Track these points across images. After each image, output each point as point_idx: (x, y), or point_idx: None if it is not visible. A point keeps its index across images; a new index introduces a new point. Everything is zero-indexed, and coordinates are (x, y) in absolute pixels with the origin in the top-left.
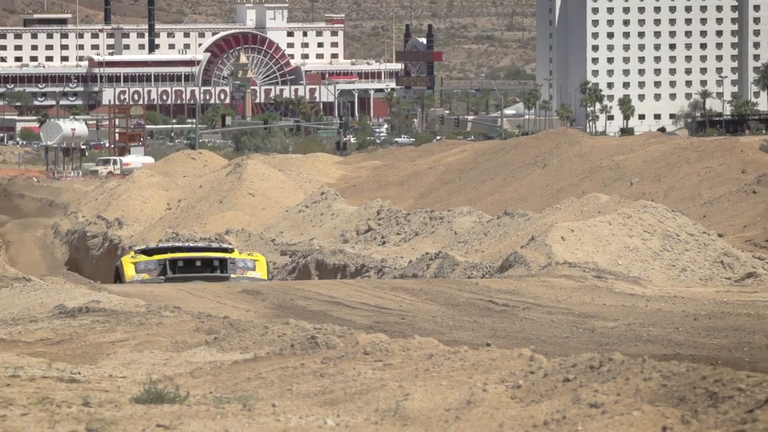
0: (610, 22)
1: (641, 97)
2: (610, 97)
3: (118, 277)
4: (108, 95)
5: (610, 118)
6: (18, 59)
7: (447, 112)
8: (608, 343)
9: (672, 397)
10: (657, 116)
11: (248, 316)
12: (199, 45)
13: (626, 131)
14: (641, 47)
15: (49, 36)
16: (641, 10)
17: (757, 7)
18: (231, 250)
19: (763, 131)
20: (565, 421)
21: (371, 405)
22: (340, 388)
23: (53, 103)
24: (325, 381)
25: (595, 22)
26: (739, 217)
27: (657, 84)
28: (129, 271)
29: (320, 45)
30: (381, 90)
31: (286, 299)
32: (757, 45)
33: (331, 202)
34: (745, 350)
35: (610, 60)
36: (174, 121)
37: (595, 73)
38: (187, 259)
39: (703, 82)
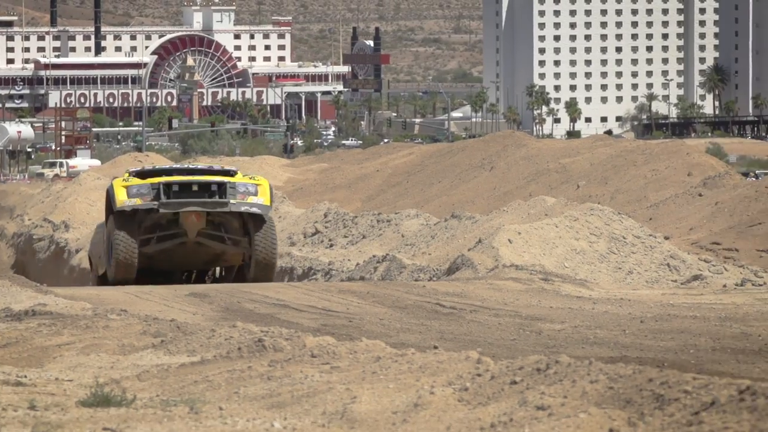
0: (557, 25)
1: (588, 100)
2: (557, 100)
3: (110, 203)
4: (54, 98)
5: (557, 120)
6: None
7: (394, 114)
8: (555, 345)
9: (618, 399)
10: (603, 119)
11: (195, 319)
12: (146, 47)
13: (573, 134)
14: (588, 50)
15: None
16: (588, 12)
17: (702, 11)
18: (233, 173)
19: (709, 134)
20: (512, 423)
21: (318, 408)
22: (287, 390)
23: None
24: (272, 384)
25: (542, 25)
26: (685, 220)
27: (603, 87)
28: (120, 195)
29: (267, 48)
30: (328, 92)
31: (233, 302)
32: (702, 48)
33: (278, 205)
34: (691, 352)
35: (557, 63)
36: (120, 123)
37: (542, 75)
38: (183, 183)
39: (650, 85)
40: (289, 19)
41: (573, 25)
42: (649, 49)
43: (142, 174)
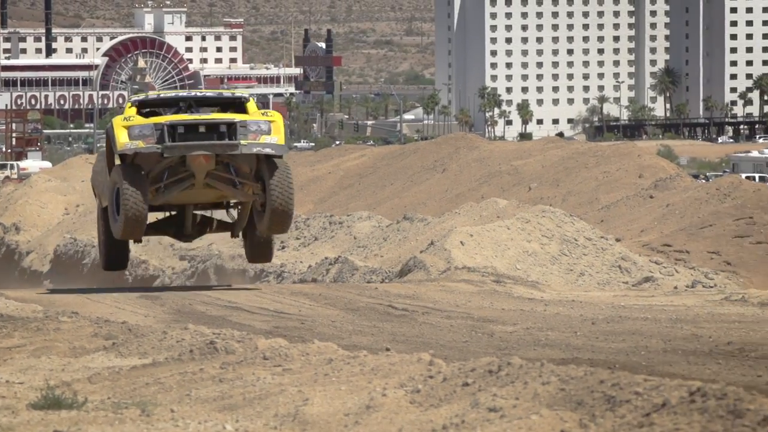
0: (509, 27)
1: (539, 102)
2: (509, 102)
3: (110, 144)
4: (4, 100)
5: (509, 123)
6: None
7: (346, 116)
8: (507, 347)
9: (570, 401)
10: (555, 121)
11: (147, 321)
12: (97, 49)
13: (525, 136)
14: (539, 52)
15: None
16: (539, 15)
17: (653, 13)
18: (245, 101)
19: (660, 136)
20: (464, 425)
21: (270, 410)
22: (239, 393)
23: None
24: (224, 386)
25: (494, 27)
26: (636, 222)
27: (555, 89)
28: (121, 136)
29: (219, 49)
30: (280, 94)
31: (185, 304)
32: (653, 50)
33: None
34: (642, 354)
35: (509, 65)
36: (72, 125)
37: (494, 78)
38: (189, 124)
39: (601, 87)
40: (240, 20)
41: (524, 27)
42: (601, 51)
43: (144, 104)
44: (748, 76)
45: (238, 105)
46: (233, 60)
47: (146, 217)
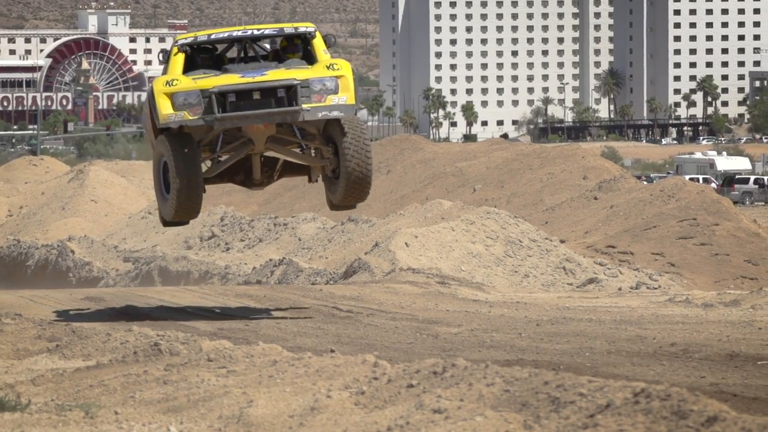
0: (453, 29)
1: (484, 104)
2: (453, 104)
3: (152, 114)
4: None
5: (453, 124)
6: None
7: None
8: (452, 348)
9: (515, 402)
10: (500, 122)
11: (91, 323)
12: (41, 51)
13: (469, 138)
14: (484, 54)
15: None
16: (484, 17)
17: (597, 15)
18: (310, 36)
19: (604, 138)
20: (409, 426)
21: (215, 412)
22: (184, 395)
23: None
24: (168, 388)
25: (438, 29)
26: (580, 223)
27: (500, 91)
28: (164, 106)
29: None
30: None
31: (129, 306)
32: (597, 52)
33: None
34: (587, 355)
35: (453, 66)
36: (15, 127)
37: (438, 79)
38: (241, 90)
39: (545, 89)
40: (184, 22)
41: (469, 29)
42: (545, 53)
43: (194, 47)
44: (692, 77)
45: (302, 41)
46: None
47: (202, 195)
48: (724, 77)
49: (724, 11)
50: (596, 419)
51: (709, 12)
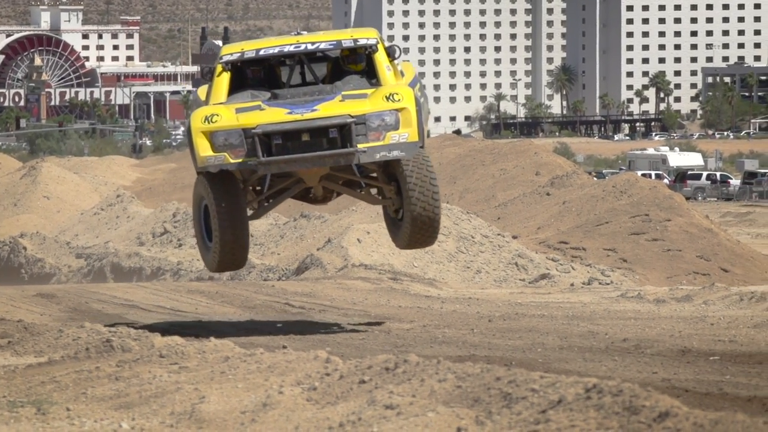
0: (406, 25)
1: (437, 100)
2: None
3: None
4: None
5: None
6: None
7: None
8: (404, 344)
9: (467, 398)
10: (452, 118)
11: (43, 319)
12: None
13: None
14: (437, 50)
15: None
16: (436, 13)
17: (550, 11)
18: (372, 50)
19: (557, 133)
20: (361, 422)
21: (167, 408)
22: (136, 391)
23: None
24: (120, 384)
25: (390, 25)
26: (533, 219)
27: (452, 87)
28: (202, 147)
29: (116, 47)
30: (177, 92)
31: (81, 302)
32: (550, 48)
33: (126, 205)
34: (539, 351)
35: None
36: None
37: None
38: (288, 131)
39: (498, 85)
40: (137, 18)
41: (422, 25)
42: (498, 49)
43: (239, 66)
44: (644, 74)
45: (362, 57)
46: (130, 58)
47: (248, 244)
48: (677, 73)
49: (677, 7)
50: (548, 415)
51: (662, 8)
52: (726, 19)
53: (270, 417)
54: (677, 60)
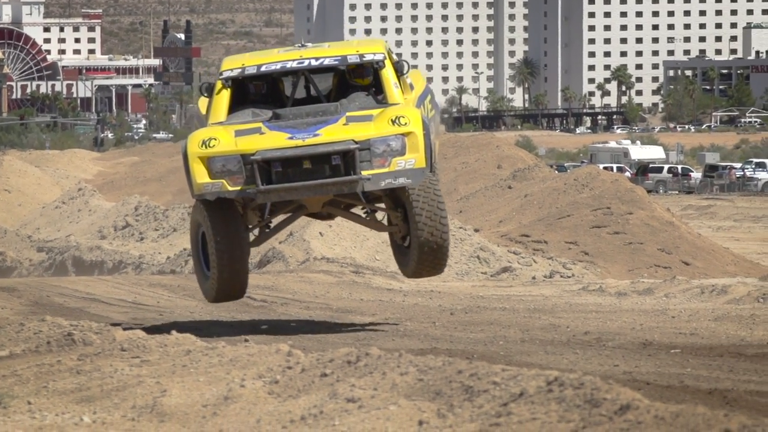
0: (368, 19)
1: None
2: None
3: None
4: None
5: None
6: None
7: None
8: (366, 338)
9: (428, 391)
10: None
11: (3, 313)
12: None
13: None
14: (398, 43)
15: None
16: (399, 6)
17: (512, 4)
18: (379, 66)
19: (519, 127)
20: (323, 416)
21: (128, 401)
22: (97, 384)
23: None
24: (81, 378)
25: (352, 19)
26: (494, 212)
27: None
28: (199, 174)
29: (77, 41)
30: (139, 86)
31: (43, 296)
32: (512, 41)
33: (88, 198)
34: (501, 344)
35: None
36: None
37: None
38: (288, 159)
39: (460, 78)
40: (99, 11)
41: (384, 19)
42: (459, 42)
43: (241, 82)
44: (606, 67)
45: (368, 71)
46: (92, 51)
47: (247, 274)
48: (638, 66)
49: (639, 1)
50: (509, 408)
51: (624, 2)
52: (687, 13)
53: (231, 410)
54: (639, 53)
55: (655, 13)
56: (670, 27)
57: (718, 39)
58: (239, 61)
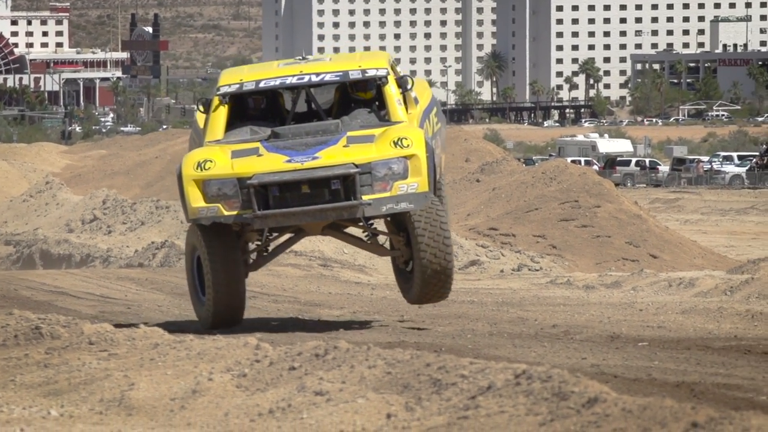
0: (336, 12)
1: None
2: None
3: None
4: None
5: None
6: None
7: (173, 101)
8: (334, 331)
9: (396, 384)
10: None
11: None
12: None
13: None
14: (367, 37)
15: None
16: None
17: None
18: (382, 82)
19: (487, 120)
20: (291, 409)
21: (96, 395)
22: (65, 378)
23: None
24: (49, 371)
25: (321, 12)
26: (463, 206)
27: None
28: (194, 197)
29: (45, 34)
30: (107, 79)
31: (10, 289)
32: (480, 35)
33: (56, 192)
34: (469, 337)
35: (336, 50)
36: None
37: None
38: (286, 183)
39: (428, 72)
40: (66, 4)
41: (352, 12)
42: (428, 36)
43: (239, 98)
44: (574, 60)
45: (371, 84)
46: (60, 44)
47: (244, 300)
48: (606, 60)
49: None
50: (478, 401)
51: None
52: (655, 6)
53: (200, 404)
54: (607, 47)
55: (623, 7)
56: (638, 20)
57: (686, 32)
58: (237, 75)
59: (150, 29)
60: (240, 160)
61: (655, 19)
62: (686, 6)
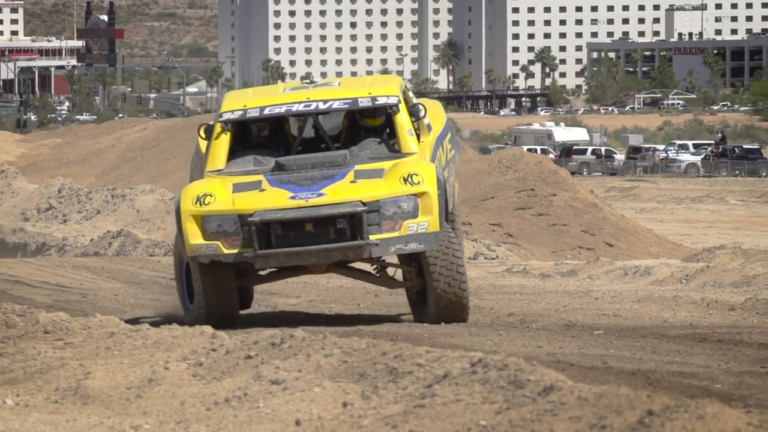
0: (292, 0)
1: (324, 75)
2: (293, 75)
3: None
4: None
5: None
6: None
7: (129, 89)
8: (290, 320)
9: (353, 373)
10: None
11: None
12: None
13: None
14: (323, 25)
15: None
16: None
17: None
18: (393, 111)
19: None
20: (247, 398)
21: (51, 384)
22: (20, 367)
23: None
24: (4, 360)
25: (277, 0)
26: None
27: (338, 62)
28: (192, 234)
29: (0, 22)
30: (62, 67)
31: None
32: (437, 23)
33: (11, 181)
34: (425, 326)
35: (293, 38)
36: None
37: (278, 51)
38: (290, 221)
39: (384, 60)
40: None
41: (308, 1)
42: (384, 24)
43: (243, 125)
44: (530, 49)
45: (381, 111)
46: (14, 32)
47: (237, 311)
48: (562, 48)
49: None
50: (434, 389)
51: None
52: None
53: (156, 393)
54: (562, 35)
55: None
56: (594, 9)
57: (642, 21)
58: (241, 101)
59: (105, 17)
60: (241, 195)
61: (611, 8)
62: None
